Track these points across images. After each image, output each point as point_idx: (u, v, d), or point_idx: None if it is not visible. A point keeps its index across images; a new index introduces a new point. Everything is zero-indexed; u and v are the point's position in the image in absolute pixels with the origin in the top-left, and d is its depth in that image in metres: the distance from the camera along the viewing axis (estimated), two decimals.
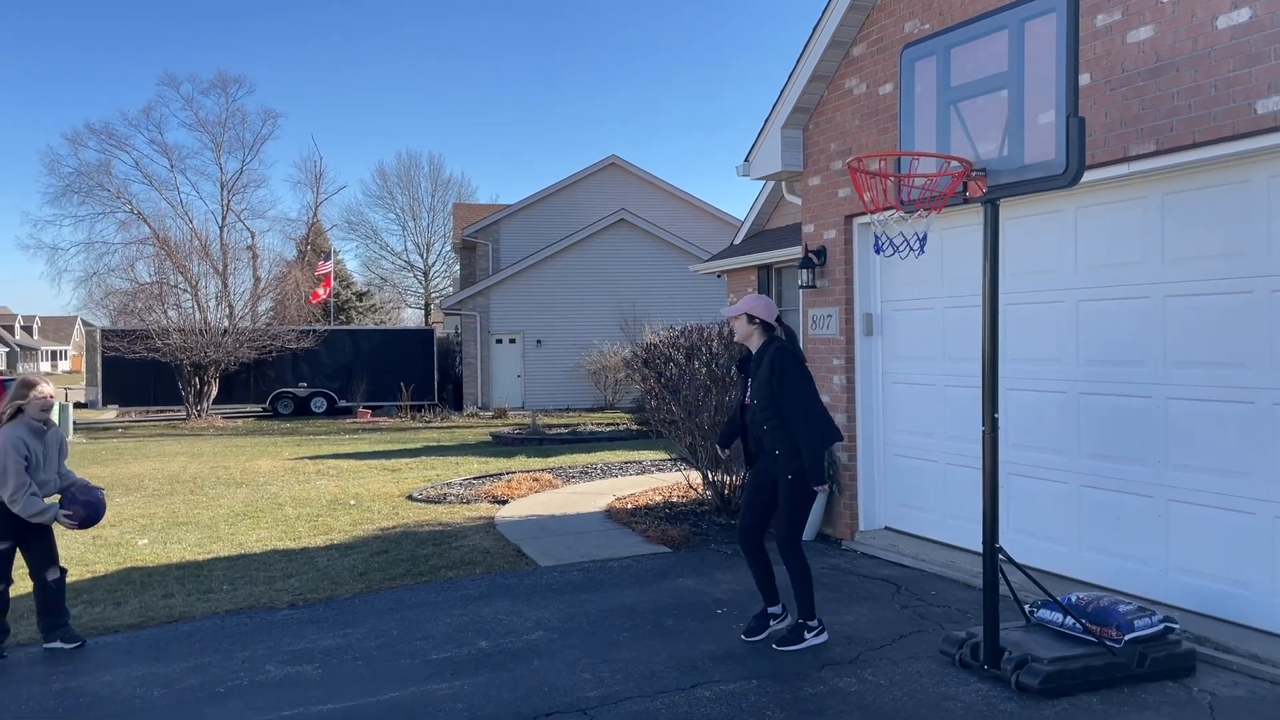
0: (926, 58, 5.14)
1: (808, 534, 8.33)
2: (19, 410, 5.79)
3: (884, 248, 4.92)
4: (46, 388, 5.90)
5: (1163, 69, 5.52)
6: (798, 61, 8.44)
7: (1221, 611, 5.47)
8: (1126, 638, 4.86)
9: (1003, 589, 5.08)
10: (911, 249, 4.78)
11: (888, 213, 4.91)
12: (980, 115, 4.84)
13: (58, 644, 5.84)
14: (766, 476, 5.65)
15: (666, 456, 14.49)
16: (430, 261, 55.80)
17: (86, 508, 5.89)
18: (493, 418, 25.88)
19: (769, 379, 5.43)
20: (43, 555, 5.88)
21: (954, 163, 4.68)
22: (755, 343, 5.65)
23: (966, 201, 4.86)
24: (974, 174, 4.78)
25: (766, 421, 5.48)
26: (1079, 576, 6.33)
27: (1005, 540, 5.77)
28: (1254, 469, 5.32)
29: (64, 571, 5.98)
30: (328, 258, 35.01)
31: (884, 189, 5.01)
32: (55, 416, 19.95)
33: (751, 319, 5.63)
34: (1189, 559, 5.67)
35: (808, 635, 5.52)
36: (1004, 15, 4.64)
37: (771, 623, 5.73)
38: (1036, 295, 6.63)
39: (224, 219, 38.39)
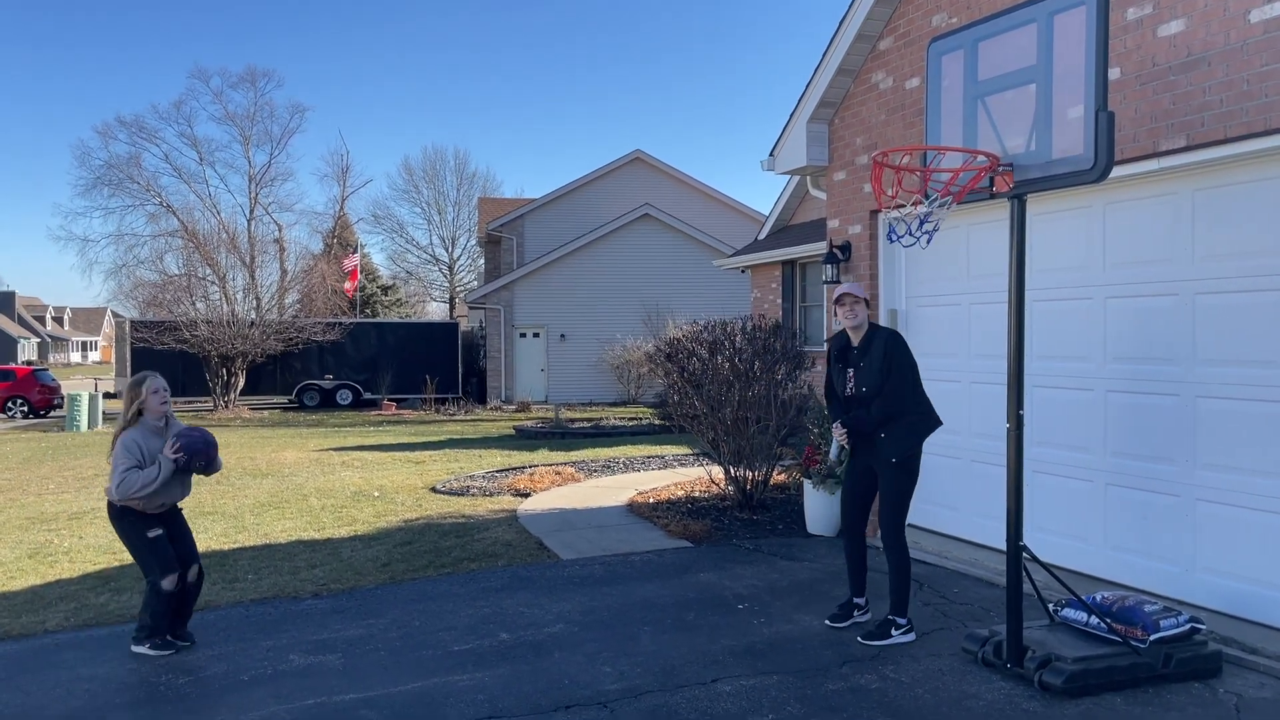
0: (953, 52, 5.10)
1: (831, 530, 8.31)
2: (140, 412, 5.67)
3: (898, 237, 4.88)
4: (157, 380, 5.78)
5: (1194, 63, 5.45)
6: (823, 55, 8.40)
7: (1249, 613, 5.40)
8: (1152, 638, 4.82)
9: (1026, 587, 5.05)
10: (915, 237, 4.73)
11: (904, 209, 4.87)
12: (1007, 110, 4.80)
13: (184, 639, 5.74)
14: (865, 466, 5.69)
15: (689, 451, 14.48)
16: (455, 255, 56.08)
17: (184, 446, 5.64)
18: (516, 411, 25.96)
19: (883, 365, 5.48)
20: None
21: (980, 157, 4.64)
22: (860, 331, 5.64)
23: (993, 196, 4.82)
24: (1001, 169, 4.74)
25: (876, 405, 5.50)
26: (1104, 575, 6.27)
27: (1029, 538, 5.73)
28: None
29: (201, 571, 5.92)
30: (354, 251, 35.21)
31: (899, 181, 4.97)
32: (85, 407, 19.94)
33: (867, 304, 5.71)
34: (1216, 559, 5.60)
35: (895, 632, 5.45)
36: (1032, 9, 4.60)
37: (855, 613, 5.76)
38: (1063, 292, 6.57)
39: (251, 212, 38.72)
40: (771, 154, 9.27)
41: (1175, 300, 5.83)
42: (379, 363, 29.24)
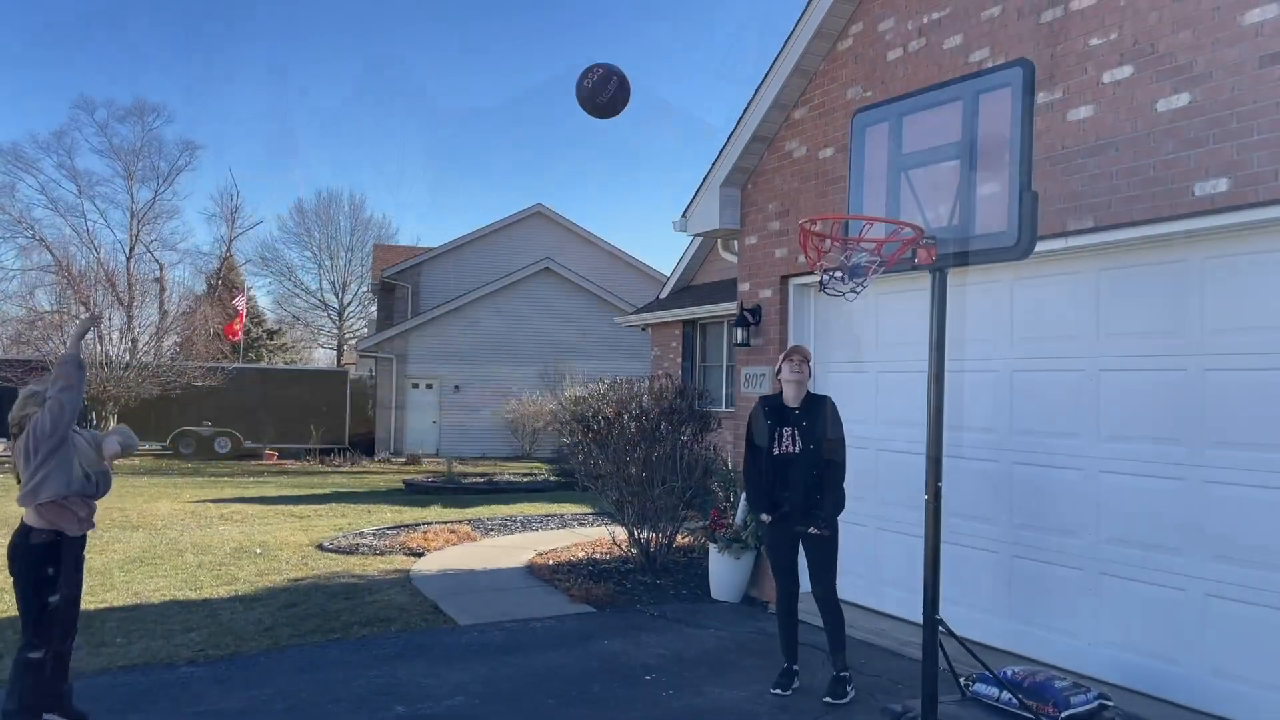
0: (878, 124, 5.16)
1: (736, 595, 8.19)
2: None
3: (829, 286, 4.83)
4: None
5: (1102, 148, 5.64)
6: (738, 122, 8.48)
7: (1153, 689, 5.47)
8: (1063, 715, 4.82)
9: (940, 662, 4.99)
10: (855, 290, 4.71)
11: (832, 273, 4.85)
12: (931, 183, 4.85)
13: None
14: (789, 532, 5.84)
15: (588, 510, 14.25)
16: (346, 301, 54.72)
17: None
18: (406, 464, 25.27)
19: (826, 428, 5.77)
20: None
21: (905, 229, 4.66)
22: (801, 391, 5.90)
23: (915, 268, 4.84)
24: (924, 241, 4.77)
25: (819, 467, 5.76)
26: (1009, 648, 6.29)
27: None
28: (1185, 545, 5.37)
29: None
30: (241, 293, 34.07)
31: (819, 251, 4.96)
32: None
33: (810, 371, 6.02)
34: (1120, 633, 5.67)
35: (849, 688, 5.70)
36: (959, 87, 4.68)
37: (796, 680, 5.82)
38: (969, 364, 6.67)
39: (132, 249, 37.17)
40: (684, 215, 9.28)
41: (1080, 376, 5.97)
42: (261, 410, 28.07)
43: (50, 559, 4.76)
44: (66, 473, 4.78)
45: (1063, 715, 4.81)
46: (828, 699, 5.61)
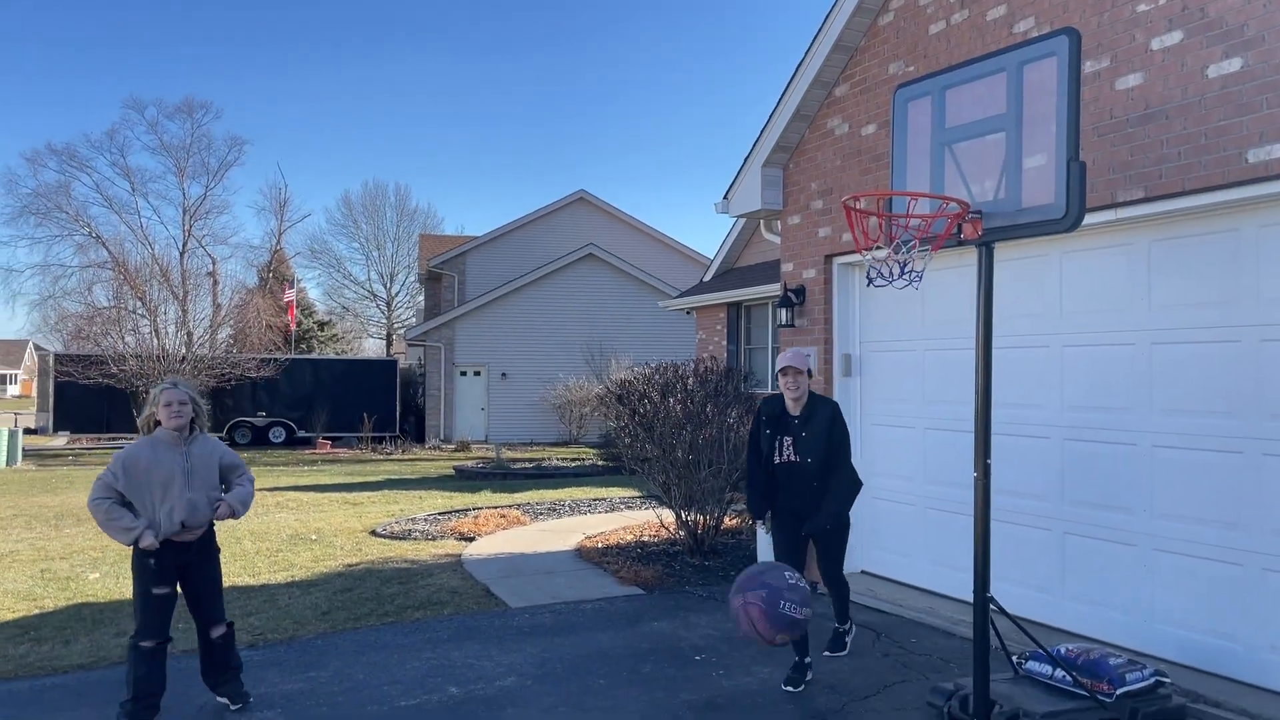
0: (920, 99, 5.09)
1: None
2: (158, 422, 5.07)
3: (876, 279, 4.82)
4: (172, 391, 5.07)
5: (1152, 116, 5.52)
6: (779, 100, 8.42)
7: (1210, 665, 5.39)
8: (1118, 692, 4.75)
9: (991, 639, 4.96)
10: (907, 279, 4.68)
11: (879, 251, 4.82)
12: (975, 157, 4.78)
13: (227, 700, 5.26)
14: (794, 520, 5.75)
15: (636, 493, 14.30)
16: (394, 292, 55.37)
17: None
18: (455, 451, 25.53)
19: (828, 435, 5.64)
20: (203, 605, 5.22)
21: (951, 204, 4.61)
22: (800, 401, 5.71)
23: (961, 243, 4.79)
24: (969, 216, 4.71)
25: (818, 478, 5.66)
26: (1062, 626, 6.24)
27: None
28: (1242, 519, 5.27)
29: (230, 625, 5.33)
30: (291, 285, 34.56)
31: (864, 228, 4.93)
32: (4, 443, 18.99)
33: (810, 374, 5.77)
34: (1176, 610, 5.59)
35: (847, 638, 6.13)
36: (1002, 58, 4.60)
37: (808, 673, 5.63)
38: (1020, 339, 6.59)
39: (185, 244, 37.74)
40: (726, 197, 9.24)
41: (1132, 349, 5.87)
42: (314, 400, 28.54)
43: (148, 552, 4.95)
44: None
45: (1118, 692, 4.75)
46: (826, 652, 5.97)
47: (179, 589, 5.12)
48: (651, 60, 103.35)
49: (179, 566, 5.05)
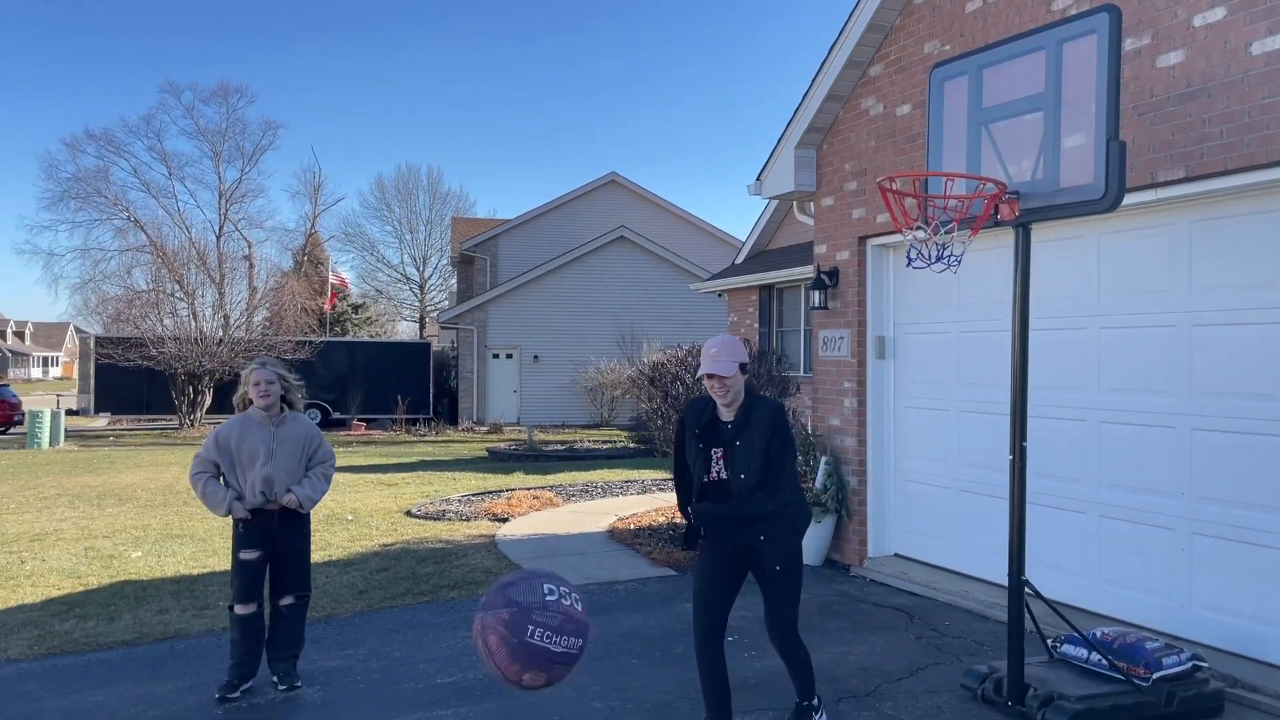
0: (957, 78, 5.05)
1: (815, 559, 8.19)
2: (250, 401, 5.31)
3: (915, 261, 4.80)
4: (261, 371, 5.30)
5: (1194, 94, 5.43)
6: (813, 81, 8.36)
7: (1249, 650, 5.34)
8: (1154, 676, 4.72)
9: (1026, 623, 4.95)
10: (950, 266, 4.66)
11: (918, 232, 4.79)
12: (1013, 137, 4.74)
13: (275, 678, 5.34)
14: (732, 562, 4.43)
15: (667, 475, 14.33)
16: (426, 275, 55.72)
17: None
18: (488, 433, 25.70)
19: (768, 445, 4.25)
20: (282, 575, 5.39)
21: (988, 185, 4.57)
22: (734, 405, 4.35)
23: (998, 224, 4.75)
24: (1006, 197, 4.68)
25: (753, 495, 4.29)
26: (1095, 609, 6.20)
27: None
28: None
29: (304, 599, 5.48)
30: (336, 267, 34.82)
31: (903, 209, 4.90)
32: (47, 424, 19.35)
33: (744, 369, 4.35)
34: (1214, 594, 5.54)
35: (816, 717, 4.61)
36: (1041, 36, 4.55)
37: None
38: (1057, 321, 6.52)
39: (221, 228, 38.14)
40: (759, 178, 9.20)
41: (1172, 331, 5.80)
42: (349, 382, 28.81)
43: (237, 521, 5.26)
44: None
45: (1154, 676, 4.72)
46: None
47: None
48: (687, 42, 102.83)
49: (266, 534, 5.24)
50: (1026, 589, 4.86)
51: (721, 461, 4.36)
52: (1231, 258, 5.48)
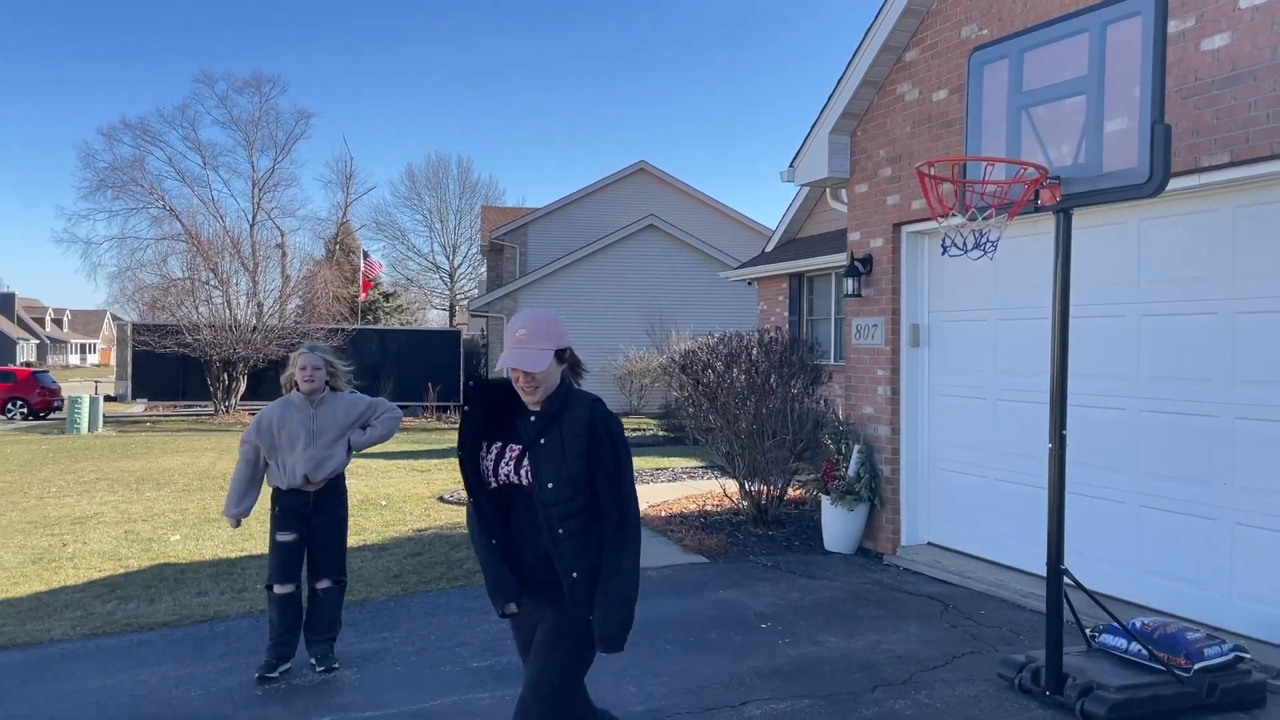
0: (996, 62, 4.99)
1: (850, 548, 8.16)
2: (296, 385, 5.40)
3: (951, 248, 4.76)
4: (308, 356, 5.39)
5: (1239, 78, 5.34)
6: (847, 67, 8.29)
7: None
8: (1196, 666, 4.67)
9: (1064, 612, 4.90)
10: (986, 253, 4.62)
11: (954, 219, 4.75)
12: (1054, 121, 4.68)
13: (313, 660, 5.38)
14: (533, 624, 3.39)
15: (697, 463, 14.34)
16: (456, 263, 55.99)
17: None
18: None
19: (587, 454, 3.15)
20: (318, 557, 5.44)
21: (1029, 170, 4.52)
22: (539, 394, 3.21)
23: (1038, 210, 4.70)
24: (1047, 182, 4.62)
25: (571, 519, 3.14)
26: (1133, 599, 6.13)
27: None
28: None
29: (340, 584, 5.53)
30: (367, 256, 35.04)
31: (938, 195, 4.86)
32: (86, 409, 19.66)
33: (561, 357, 3.26)
34: (1258, 585, 5.46)
35: None
36: (1084, 18, 4.49)
37: None
38: (1095, 308, 6.45)
39: (254, 217, 38.47)
40: (791, 165, 9.15)
41: (1214, 319, 5.71)
42: (381, 369, 28.97)
43: (274, 504, 5.37)
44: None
45: (1195, 667, 4.67)
46: None
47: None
48: (718, 31, 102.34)
49: (302, 516, 5.31)
50: (1065, 578, 4.82)
51: (519, 462, 3.22)
52: (1277, 244, 5.38)
